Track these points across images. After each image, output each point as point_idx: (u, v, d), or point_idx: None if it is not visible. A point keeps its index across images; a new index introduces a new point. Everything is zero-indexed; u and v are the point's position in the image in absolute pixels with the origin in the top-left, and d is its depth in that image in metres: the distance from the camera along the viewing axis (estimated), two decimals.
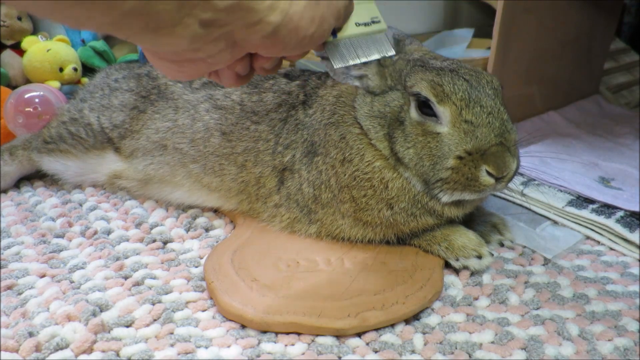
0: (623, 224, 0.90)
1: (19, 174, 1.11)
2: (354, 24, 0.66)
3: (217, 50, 0.50)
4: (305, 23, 0.51)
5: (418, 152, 0.74)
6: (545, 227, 0.95)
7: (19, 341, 0.65)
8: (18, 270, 0.81)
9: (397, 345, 0.67)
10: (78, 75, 1.49)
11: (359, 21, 0.66)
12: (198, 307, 0.74)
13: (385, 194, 0.79)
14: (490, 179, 0.71)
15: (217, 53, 0.51)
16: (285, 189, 0.88)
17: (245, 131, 0.91)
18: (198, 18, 0.45)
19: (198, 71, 0.56)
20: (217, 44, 0.49)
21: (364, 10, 0.68)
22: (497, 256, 0.86)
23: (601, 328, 0.70)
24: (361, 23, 0.67)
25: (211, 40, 0.48)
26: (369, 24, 0.68)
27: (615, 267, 0.85)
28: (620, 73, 1.77)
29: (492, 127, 0.71)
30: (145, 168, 0.99)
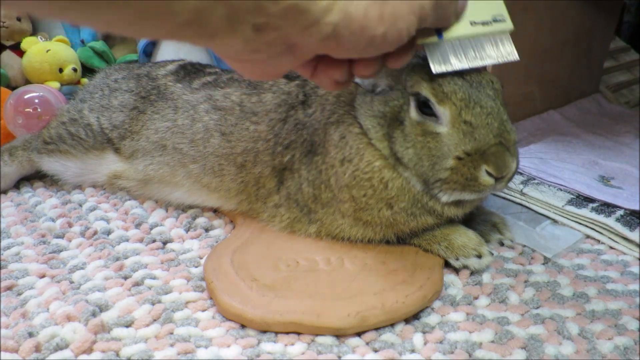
0: (623, 223, 0.90)
1: (18, 174, 1.11)
2: (468, 23, 0.59)
3: (276, 53, 0.49)
4: (371, 22, 0.47)
5: (417, 152, 0.74)
6: (545, 226, 0.95)
7: (18, 341, 0.65)
8: (18, 271, 0.81)
9: (397, 344, 0.67)
10: (78, 76, 1.49)
11: (475, 19, 0.59)
12: (198, 307, 0.74)
13: (385, 193, 0.79)
14: (490, 179, 0.71)
15: (277, 56, 0.50)
16: (285, 189, 0.88)
17: (245, 131, 0.91)
18: (251, 23, 0.44)
19: (266, 72, 0.55)
20: (274, 47, 0.48)
21: (485, 7, 0.60)
22: (497, 255, 0.86)
23: (601, 327, 0.70)
24: (478, 22, 0.59)
25: (266, 43, 0.47)
26: (489, 23, 0.60)
27: (615, 266, 0.85)
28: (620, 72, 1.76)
29: (491, 128, 0.70)
30: (145, 168, 0.99)
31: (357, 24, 0.47)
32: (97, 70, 1.24)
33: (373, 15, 0.47)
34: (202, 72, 1.06)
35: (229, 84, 0.99)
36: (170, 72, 1.06)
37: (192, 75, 1.05)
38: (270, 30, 0.45)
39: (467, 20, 0.58)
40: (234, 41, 0.45)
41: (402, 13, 0.49)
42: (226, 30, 0.43)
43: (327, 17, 0.45)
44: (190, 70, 1.07)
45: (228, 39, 0.44)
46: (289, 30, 0.46)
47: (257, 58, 0.51)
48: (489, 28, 0.60)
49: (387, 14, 0.48)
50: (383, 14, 0.48)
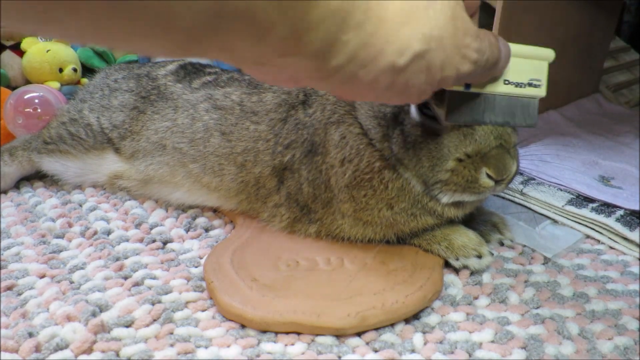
0: (623, 223, 0.90)
1: (18, 174, 1.11)
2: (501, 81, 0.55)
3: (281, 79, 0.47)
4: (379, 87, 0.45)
5: (417, 153, 0.74)
6: (545, 226, 0.95)
7: (18, 341, 0.65)
8: (18, 271, 0.81)
9: (397, 344, 0.67)
10: (78, 76, 1.49)
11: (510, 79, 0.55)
12: (198, 307, 0.74)
13: (385, 194, 0.79)
14: (490, 181, 0.71)
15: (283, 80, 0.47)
16: (285, 189, 0.88)
17: (245, 131, 0.91)
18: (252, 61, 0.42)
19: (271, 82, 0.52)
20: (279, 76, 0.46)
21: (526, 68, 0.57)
22: (497, 255, 0.86)
23: (601, 327, 0.70)
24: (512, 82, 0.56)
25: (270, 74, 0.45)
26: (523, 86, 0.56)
27: (615, 266, 0.85)
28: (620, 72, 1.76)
29: (492, 129, 0.70)
30: (146, 169, 1.00)
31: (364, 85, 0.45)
32: (97, 70, 1.24)
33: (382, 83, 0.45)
34: (202, 72, 1.06)
35: (229, 83, 0.99)
36: (170, 72, 1.06)
37: (192, 75, 1.05)
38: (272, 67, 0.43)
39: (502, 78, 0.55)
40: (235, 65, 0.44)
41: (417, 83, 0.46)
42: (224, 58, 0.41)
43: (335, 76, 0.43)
44: (190, 70, 1.07)
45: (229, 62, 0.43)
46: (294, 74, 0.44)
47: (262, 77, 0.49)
48: (521, 90, 0.57)
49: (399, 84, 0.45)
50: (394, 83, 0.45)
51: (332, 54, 0.41)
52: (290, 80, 0.47)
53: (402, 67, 0.44)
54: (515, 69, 0.55)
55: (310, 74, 0.43)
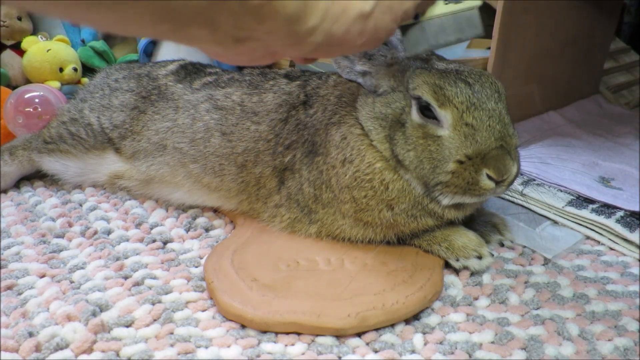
0: (623, 224, 0.90)
1: (19, 174, 1.11)
2: (442, 3, 0.61)
3: (257, 57, 0.50)
4: (352, 37, 0.49)
5: (418, 155, 0.74)
6: (545, 227, 0.95)
7: (19, 341, 0.65)
8: (18, 271, 0.81)
9: (397, 345, 0.67)
10: (78, 76, 1.49)
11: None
12: (198, 307, 0.74)
13: (385, 195, 0.79)
14: (491, 182, 0.71)
15: (257, 58, 0.51)
16: (285, 189, 0.88)
17: (246, 131, 0.91)
18: (232, 36, 0.44)
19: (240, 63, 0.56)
20: (255, 52, 0.49)
21: None
22: (497, 256, 0.86)
23: (601, 328, 0.70)
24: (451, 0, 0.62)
25: (248, 50, 0.48)
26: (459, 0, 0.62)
27: (615, 267, 0.85)
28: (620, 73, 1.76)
29: (493, 131, 0.70)
30: (147, 169, 0.99)
31: (338, 40, 0.49)
32: (98, 69, 1.24)
33: (354, 31, 0.49)
34: (203, 72, 1.06)
35: (229, 83, 0.99)
36: (171, 72, 1.06)
37: (193, 76, 1.05)
38: (252, 41, 0.46)
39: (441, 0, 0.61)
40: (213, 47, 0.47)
41: (384, 24, 0.51)
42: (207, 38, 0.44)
43: (310, 38, 0.47)
44: (190, 71, 1.07)
45: (208, 44, 0.46)
46: (272, 43, 0.47)
47: (238, 59, 0.52)
48: (460, 6, 0.63)
49: (369, 28, 0.50)
50: (365, 29, 0.50)
51: (307, 14, 0.44)
52: (267, 55, 0.50)
53: (369, 11, 0.49)
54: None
55: (286, 40, 0.46)
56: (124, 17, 0.39)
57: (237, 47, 0.46)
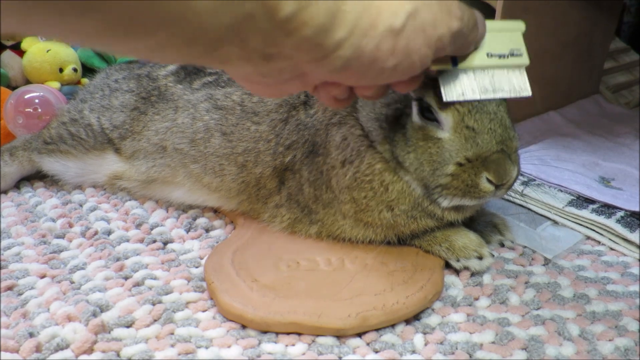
0: (623, 224, 0.90)
1: (19, 174, 1.11)
2: (484, 54, 0.58)
3: (284, 79, 0.50)
4: (382, 55, 0.47)
5: (418, 157, 0.74)
6: (546, 227, 0.95)
7: (19, 342, 0.65)
8: (18, 271, 0.81)
9: (398, 345, 0.67)
10: (78, 76, 1.49)
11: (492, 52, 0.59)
12: (198, 307, 0.74)
13: (385, 196, 0.79)
14: (490, 186, 0.71)
15: (286, 81, 0.51)
16: (286, 189, 0.88)
17: (246, 131, 0.91)
18: (261, 53, 0.44)
19: (273, 93, 0.56)
20: (283, 73, 0.49)
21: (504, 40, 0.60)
22: (497, 256, 0.86)
23: (602, 328, 0.70)
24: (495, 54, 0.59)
25: (276, 70, 0.47)
26: (506, 57, 0.60)
27: (616, 267, 0.85)
28: (620, 73, 1.76)
29: (494, 134, 0.70)
30: (148, 170, 0.99)
31: (367, 57, 0.47)
32: (98, 70, 1.24)
33: (385, 49, 0.47)
34: (203, 72, 1.06)
35: (229, 83, 0.99)
36: (171, 73, 1.06)
37: (193, 76, 1.04)
38: (281, 59, 0.46)
39: (483, 51, 0.58)
40: (243, 68, 0.46)
41: (416, 46, 0.49)
42: (237, 58, 0.44)
43: (339, 51, 0.45)
44: (190, 71, 1.07)
45: (238, 65, 0.45)
46: (300, 60, 0.46)
47: (266, 81, 0.52)
48: (505, 61, 0.60)
49: (400, 48, 0.48)
50: (395, 47, 0.48)
51: (335, 26, 0.43)
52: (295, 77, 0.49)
53: (400, 27, 0.47)
54: (493, 41, 0.58)
55: (313, 54, 0.45)
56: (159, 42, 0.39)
57: (266, 65, 0.46)
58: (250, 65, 0.46)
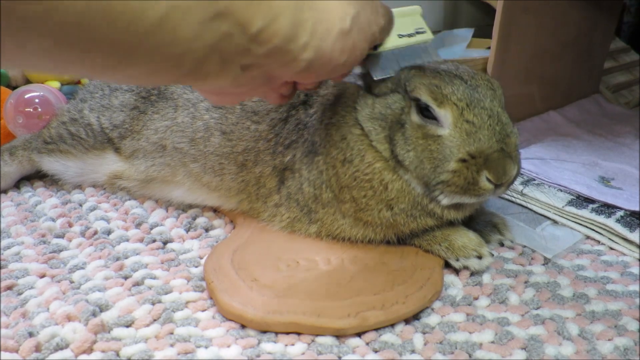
0: (623, 224, 0.90)
1: (19, 174, 1.11)
2: (396, 36, 0.69)
3: (256, 85, 0.56)
4: (336, 54, 0.55)
5: (418, 155, 0.74)
6: (545, 226, 0.95)
7: (19, 341, 0.65)
8: (18, 271, 0.81)
9: (397, 345, 0.67)
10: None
11: (401, 33, 0.70)
12: (198, 307, 0.74)
13: (385, 195, 0.79)
14: (490, 184, 0.71)
15: (256, 87, 0.57)
16: (285, 189, 0.88)
17: (246, 131, 0.91)
18: (239, 64, 0.50)
19: (239, 99, 0.64)
20: (255, 80, 0.55)
21: (407, 22, 0.71)
22: (497, 256, 0.86)
23: (601, 327, 0.70)
24: (404, 34, 0.70)
25: (250, 78, 0.54)
26: (413, 35, 0.71)
27: (615, 266, 0.85)
28: (620, 72, 1.76)
29: (494, 130, 0.70)
30: (147, 169, 1.00)
31: (326, 57, 0.55)
32: None
33: (338, 48, 0.55)
34: None
35: None
36: None
37: None
38: (255, 68, 0.52)
39: (395, 34, 0.69)
40: (223, 80, 0.51)
41: (359, 43, 0.58)
42: (218, 72, 0.49)
43: (303, 54, 0.53)
44: None
45: (219, 78, 0.50)
46: (271, 66, 0.53)
47: (239, 91, 0.58)
48: (413, 39, 0.72)
49: (349, 46, 0.56)
50: (345, 46, 0.56)
51: (299, 33, 0.51)
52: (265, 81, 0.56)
53: (348, 29, 0.55)
54: (400, 24, 0.69)
55: (282, 58, 0.52)
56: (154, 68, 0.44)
57: (242, 76, 0.52)
58: (229, 77, 0.51)
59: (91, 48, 0.39)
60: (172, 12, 0.40)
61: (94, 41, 0.38)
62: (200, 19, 0.43)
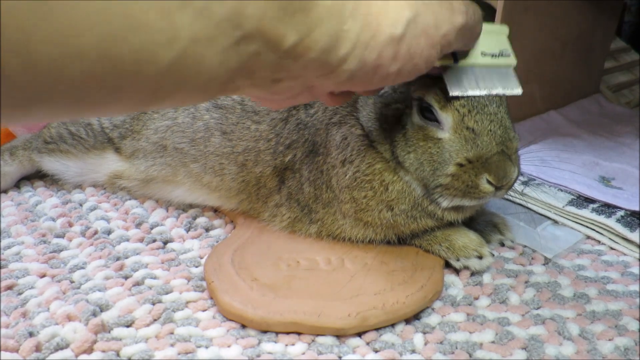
0: (623, 224, 0.90)
1: (19, 174, 1.11)
2: (479, 53, 0.63)
3: (294, 94, 0.52)
4: (385, 61, 0.49)
5: (418, 157, 0.74)
6: (546, 226, 0.95)
7: (19, 341, 0.65)
8: (18, 270, 0.81)
9: (398, 344, 0.67)
10: None
11: (486, 51, 0.63)
12: (198, 307, 0.74)
13: (385, 195, 0.79)
14: (490, 187, 0.71)
15: (295, 96, 0.53)
16: (286, 189, 0.88)
17: (246, 131, 0.91)
18: (270, 79, 0.46)
19: (285, 104, 0.58)
20: (293, 90, 0.50)
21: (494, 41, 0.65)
22: (497, 256, 0.86)
23: (602, 327, 0.70)
24: (488, 53, 0.64)
25: (287, 88, 0.49)
26: (497, 56, 0.65)
27: (616, 266, 0.85)
28: (620, 72, 1.76)
29: (495, 135, 0.70)
30: (147, 169, 0.99)
31: (371, 66, 0.49)
32: None
33: (387, 56, 0.49)
34: None
35: None
36: None
37: None
38: (289, 79, 0.48)
39: (478, 50, 0.62)
40: (255, 91, 0.48)
41: (419, 49, 0.50)
42: (248, 86, 0.45)
43: (343, 66, 0.47)
44: None
45: (251, 90, 0.47)
46: (309, 78, 0.48)
47: (277, 98, 0.54)
48: (497, 60, 0.64)
49: (402, 53, 0.49)
50: (397, 53, 0.49)
51: (338, 44, 0.45)
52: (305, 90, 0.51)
53: (401, 35, 0.48)
54: (485, 41, 0.63)
55: (320, 71, 0.47)
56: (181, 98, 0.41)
57: (275, 87, 0.48)
58: (260, 90, 0.47)
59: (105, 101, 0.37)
60: (192, 48, 0.37)
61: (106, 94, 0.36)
62: (225, 45, 0.39)
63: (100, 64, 0.34)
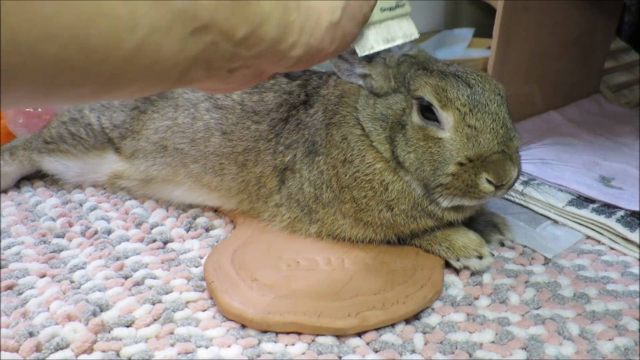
0: (623, 224, 0.90)
1: (19, 174, 1.11)
2: (379, 10, 0.67)
3: (246, 81, 0.56)
4: (326, 45, 0.55)
5: (419, 157, 0.74)
6: (546, 226, 0.95)
7: (19, 341, 0.65)
8: (18, 270, 0.81)
9: (398, 344, 0.67)
10: None
11: (384, 6, 0.68)
12: (198, 307, 0.74)
13: (385, 195, 0.79)
14: (490, 186, 0.71)
15: (247, 82, 0.57)
16: (286, 189, 0.88)
17: (246, 131, 0.91)
18: (226, 69, 0.50)
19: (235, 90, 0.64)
20: (245, 78, 0.54)
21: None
22: (497, 256, 0.86)
23: (602, 327, 0.70)
24: (386, 8, 0.68)
25: (240, 77, 0.53)
26: (394, 9, 0.68)
27: (616, 266, 0.85)
28: (620, 72, 1.76)
29: (496, 134, 0.70)
30: (147, 169, 0.99)
31: (315, 50, 0.54)
32: None
33: (327, 40, 0.55)
34: None
35: None
36: None
37: None
38: (243, 68, 0.52)
39: (378, 8, 0.67)
40: (211, 83, 0.51)
41: (349, 30, 0.58)
42: (205, 77, 0.49)
43: (292, 52, 0.52)
44: None
45: (206, 82, 0.50)
46: (261, 65, 0.53)
47: (229, 87, 0.58)
48: (394, 12, 0.69)
49: (339, 35, 0.56)
50: (335, 36, 0.56)
51: (287, 33, 0.50)
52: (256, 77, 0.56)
53: (338, 20, 0.55)
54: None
55: (271, 59, 0.52)
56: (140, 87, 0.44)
57: (230, 77, 0.52)
58: (216, 81, 0.51)
59: (74, 84, 0.39)
60: (151, 36, 0.40)
61: (75, 78, 0.38)
62: (182, 35, 0.42)
63: (72, 46, 0.36)
